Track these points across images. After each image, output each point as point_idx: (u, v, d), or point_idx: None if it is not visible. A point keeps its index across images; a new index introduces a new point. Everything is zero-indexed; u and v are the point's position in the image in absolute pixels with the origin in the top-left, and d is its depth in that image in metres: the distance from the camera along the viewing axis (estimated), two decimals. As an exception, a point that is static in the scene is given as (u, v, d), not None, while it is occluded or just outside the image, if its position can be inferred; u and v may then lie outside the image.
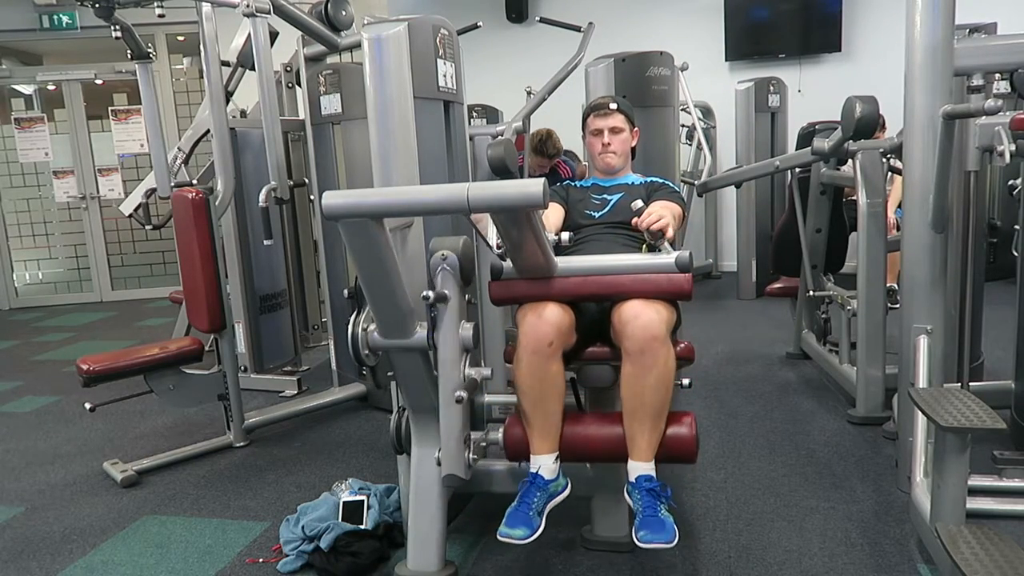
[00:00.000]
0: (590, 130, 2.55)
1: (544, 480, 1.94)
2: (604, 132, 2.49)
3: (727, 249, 6.55)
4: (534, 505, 1.89)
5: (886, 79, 3.68)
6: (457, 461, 1.95)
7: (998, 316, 3.51)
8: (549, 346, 1.94)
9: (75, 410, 3.81)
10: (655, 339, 1.90)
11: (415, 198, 1.77)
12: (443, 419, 1.95)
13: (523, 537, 1.84)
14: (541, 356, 1.94)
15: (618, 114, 2.52)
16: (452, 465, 1.95)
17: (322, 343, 4.57)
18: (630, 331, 1.90)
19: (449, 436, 1.95)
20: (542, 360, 1.94)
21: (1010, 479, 2.29)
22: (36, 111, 7.17)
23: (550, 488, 1.95)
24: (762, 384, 3.65)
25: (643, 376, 1.90)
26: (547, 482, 1.94)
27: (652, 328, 1.89)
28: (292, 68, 4.32)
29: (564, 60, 4.03)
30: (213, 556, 2.29)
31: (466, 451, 1.98)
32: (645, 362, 1.90)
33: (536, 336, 1.95)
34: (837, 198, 3.68)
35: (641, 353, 1.90)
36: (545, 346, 1.94)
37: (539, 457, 1.97)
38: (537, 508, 1.90)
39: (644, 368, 1.90)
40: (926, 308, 2.38)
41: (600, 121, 2.52)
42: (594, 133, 2.53)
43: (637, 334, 1.89)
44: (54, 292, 7.34)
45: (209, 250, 3.04)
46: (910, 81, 2.30)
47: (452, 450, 1.94)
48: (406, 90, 2.25)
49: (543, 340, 1.94)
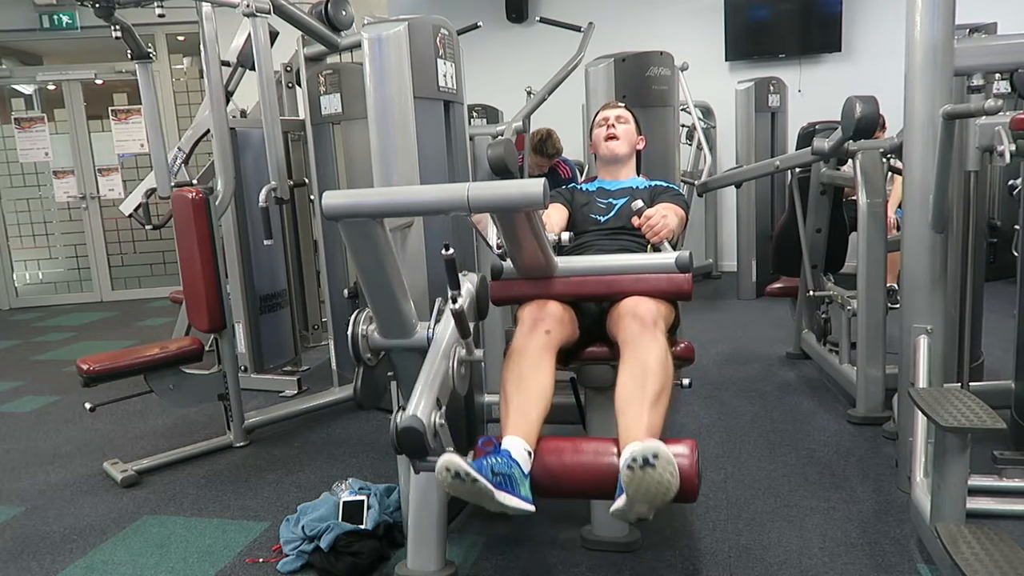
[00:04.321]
0: (596, 121, 2.62)
1: (509, 455, 1.69)
2: (610, 119, 2.58)
3: (727, 249, 6.55)
4: (487, 466, 1.63)
5: (886, 79, 3.69)
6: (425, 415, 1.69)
7: (998, 316, 3.51)
8: (547, 333, 1.93)
9: (75, 410, 3.81)
10: (652, 326, 1.86)
11: (415, 198, 1.76)
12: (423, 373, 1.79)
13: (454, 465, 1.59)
14: (537, 338, 1.92)
15: (626, 110, 2.64)
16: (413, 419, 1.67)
17: (322, 343, 4.57)
18: (627, 322, 1.89)
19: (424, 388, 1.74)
20: (537, 341, 1.91)
21: (1010, 479, 2.29)
22: (36, 111, 7.17)
23: (513, 470, 1.66)
24: (762, 384, 3.65)
25: (639, 360, 1.81)
26: (511, 459, 1.68)
27: (648, 317, 1.88)
28: (292, 68, 4.32)
29: (564, 60, 4.03)
30: (213, 556, 2.28)
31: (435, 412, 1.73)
32: (642, 342, 1.83)
33: (533, 320, 1.95)
34: (837, 198, 3.69)
35: (639, 335, 1.85)
36: (542, 332, 1.93)
37: (511, 438, 1.74)
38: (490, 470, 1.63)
39: (641, 349, 1.83)
40: (926, 308, 2.38)
41: (607, 111, 2.63)
42: (599, 124, 2.59)
43: (634, 324, 1.88)
44: (54, 292, 7.35)
45: (209, 250, 3.04)
46: (910, 81, 2.30)
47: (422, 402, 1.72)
48: (406, 90, 2.24)
49: (540, 326, 1.94)
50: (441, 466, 1.61)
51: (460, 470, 1.59)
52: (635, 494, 1.58)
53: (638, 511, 1.61)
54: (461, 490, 1.62)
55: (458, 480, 1.60)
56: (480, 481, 1.60)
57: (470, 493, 1.62)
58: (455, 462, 1.60)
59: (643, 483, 1.56)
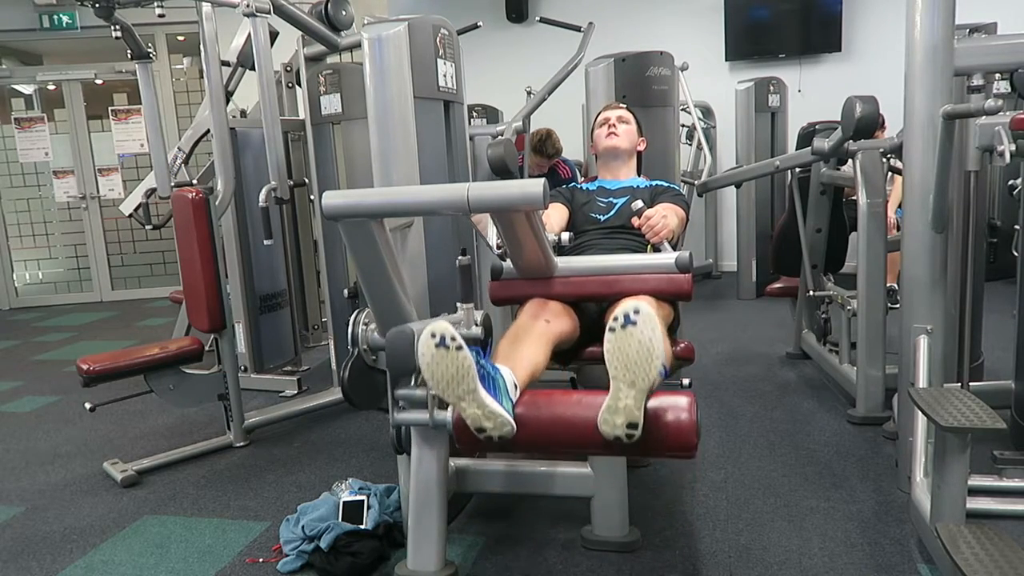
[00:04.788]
0: (598, 122, 2.63)
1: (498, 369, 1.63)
2: (612, 119, 2.60)
3: (727, 249, 6.55)
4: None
5: (886, 79, 3.69)
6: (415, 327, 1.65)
7: (998, 316, 3.51)
8: (547, 322, 1.93)
9: (75, 410, 3.81)
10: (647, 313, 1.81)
11: (415, 198, 1.77)
12: None
13: None
14: (537, 325, 1.91)
15: (628, 112, 2.65)
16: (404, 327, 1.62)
17: (322, 343, 4.57)
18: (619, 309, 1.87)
19: None
20: (537, 327, 1.90)
21: (1010, 479, 2.29)
22: (36, 111, 7.17)
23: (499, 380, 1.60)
24: (762, 384, 3.65)
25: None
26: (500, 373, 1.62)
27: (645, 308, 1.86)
28: (292, 68, 4.32)
29: (564, 60, 4.04)
30: (213, 556, 2.28)
31: None
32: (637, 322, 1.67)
33: (535, 311, 1.96)
34: (837, 198, 3.69)
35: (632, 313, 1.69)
36: (543, 320, 1.93)
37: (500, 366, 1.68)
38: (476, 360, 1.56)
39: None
40: (926, 308, 2.38)
41: (608, 112, 2.65)
42: (601, 123, 2.61)
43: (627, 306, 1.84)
44: (54, 292, 7.34)
45: (209, 250, 3.04)
46: (910, 81, 2.30)
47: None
48: (406, 90, 2.25)
49: (541, 315, 1.94)
50: (427, 330, 1.50)
51: (447, 334, 1.48)
52: (618, 366, 1.48)
53: (625, 403, 1.50)
54: (441, 364, 1.50)
55: (441, 349, 1.48)
56: (465, 352, 1.49)
57: (451, 373, 1.50)
58: (442, 325, 1.49)
59: (624, 346, 1.47)
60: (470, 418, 1.56)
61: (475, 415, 1.55)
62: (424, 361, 1.53)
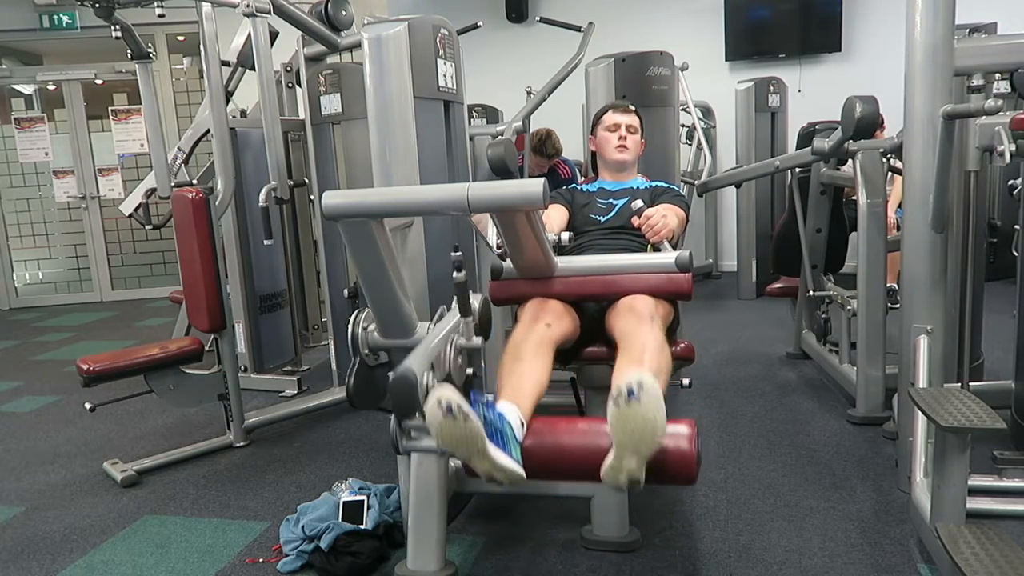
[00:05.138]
0: (606, 125, 2.57)
1: (503, 416, 1.62)
2: (622, 127, 2.54)
3: (727, 249, 6.56)
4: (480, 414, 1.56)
5: (886, 79, 3.69)
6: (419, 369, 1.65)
7: (998, 316, 3.51)
8: (547, 326, 1.93)
9: (75, 410, 3.81)
10: (649, 320, 1.85)
11: (415, 198, 1.77)
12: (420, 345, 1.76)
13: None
14: (537, 331, 1.91)
15: (636, 116, 2.60)
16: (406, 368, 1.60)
17: (322, 343, 4.57)
18: (624, 316, 1.89)
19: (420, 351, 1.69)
20: (537, 334, 1.90)
21: (1010, 479, 2.29)
22: (36, 111, 7.17)
23: (506, 429, 1.60)
24: (762, 384, 3.65)
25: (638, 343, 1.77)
26: (505, 420, 1.62)
27: (645, 311, 1.87)
28: (292, 68, 4.32)
29: (564, 60, 4.04)
30: (213, 556, 2.28)
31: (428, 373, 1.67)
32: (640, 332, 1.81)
33: (535, 313, 1.96)
34: (837, 198, 3.69)
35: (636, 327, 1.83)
36: (543, 324, 1.92)
37: (505, 403, 1.69)
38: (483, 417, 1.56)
39: (639, 336, 1.79)
40: (926, 308, 2.38)
41: (619, 116, 2.57)
42: (611, 128, 2.56)
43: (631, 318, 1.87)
44: (54, 292, 7.34)
45: (209, 250, 3.04)
46: (910, 81, 2.30)
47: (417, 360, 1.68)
48: (406, 90, 2.25)
49: (541, 319, 1.94)
50: (433, 398, 1.49)
51: (453, 404, 1.47)
52: (621, 437, 1.48)
53: (628, 466, 1.50)
54: (450, 431, 1.49)
55: (449, 417, 1.48)
56: (472, 420, 1.48)
57: (460, 437, 1.50)
58: (448, 394, 1.48)
59: (628, 421, 1.45)
60: (481, 471, 1.57)
61: (486, 469, 1.56)
62: (433, 426, 1.53)
